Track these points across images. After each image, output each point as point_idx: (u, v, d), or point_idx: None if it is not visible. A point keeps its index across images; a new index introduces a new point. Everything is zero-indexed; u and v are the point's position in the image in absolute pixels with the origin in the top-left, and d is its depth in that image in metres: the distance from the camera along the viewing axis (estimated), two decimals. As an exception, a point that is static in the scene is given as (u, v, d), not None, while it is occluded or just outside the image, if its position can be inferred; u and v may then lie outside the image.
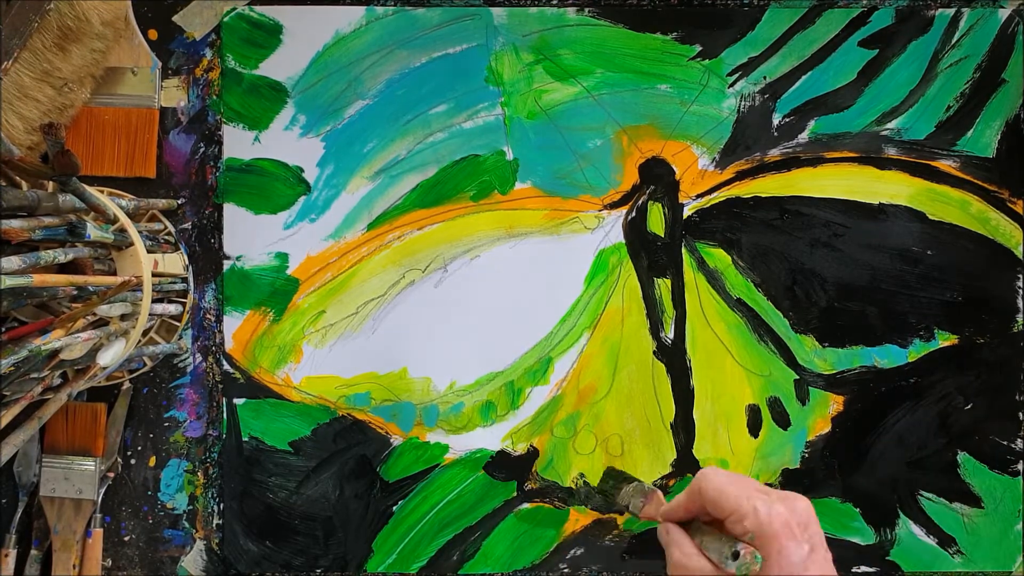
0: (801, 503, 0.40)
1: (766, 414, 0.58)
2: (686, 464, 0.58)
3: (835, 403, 0.59)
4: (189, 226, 0.58)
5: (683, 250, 0.58)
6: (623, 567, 0.58)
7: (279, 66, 0.57)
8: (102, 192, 0.51)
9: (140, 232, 0.50)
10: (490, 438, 0.58)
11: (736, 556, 0.39)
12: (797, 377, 0.58)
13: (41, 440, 0.56)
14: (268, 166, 0.57)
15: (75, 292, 0.45)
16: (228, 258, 0.58)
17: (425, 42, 0.57)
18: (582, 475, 0.58)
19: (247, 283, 0.58)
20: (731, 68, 0.58)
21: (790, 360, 0.58)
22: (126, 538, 0.58)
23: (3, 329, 0.42)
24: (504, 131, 0.58)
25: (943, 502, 0.59)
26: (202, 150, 0.58)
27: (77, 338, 0.43)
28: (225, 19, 0.57)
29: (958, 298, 0.59)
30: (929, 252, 0.58)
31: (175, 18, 0.58)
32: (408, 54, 0.57)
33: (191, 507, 0.58)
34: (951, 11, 0.58)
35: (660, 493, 0.47)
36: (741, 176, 0.58)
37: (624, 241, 0.58)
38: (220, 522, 0.58)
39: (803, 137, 0.58)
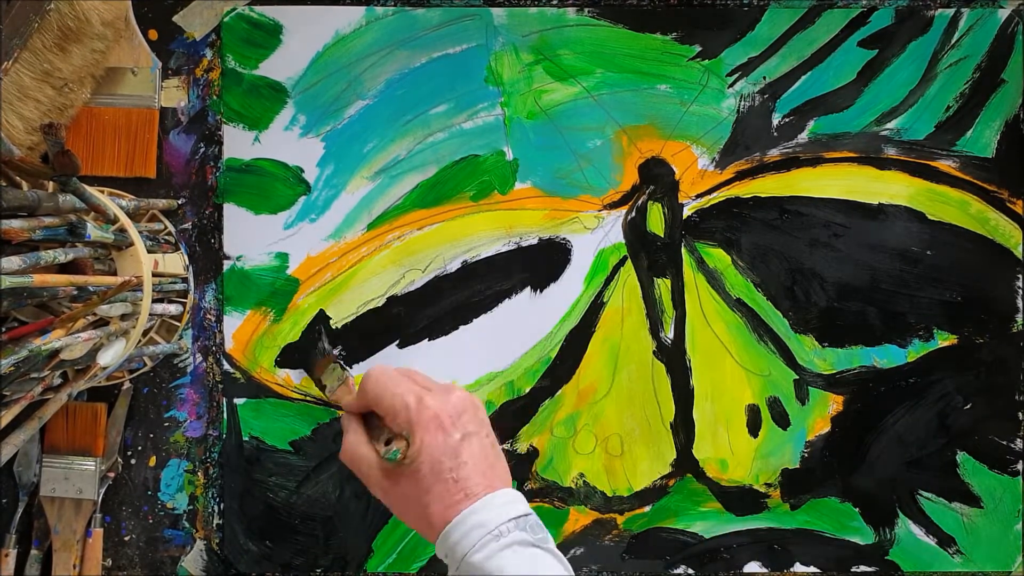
0: (455, 395, 0.43)
1: (766, 414, 0.58)
2: (686, 464, 0.58)
3: (835, 403, 0.59)
4: (189, 226, 0.58)
5: (683, 250, 0.58)
6: (623, 567, 0.58)
7: (279, 66, 0.57)
8: (102, 192, 0.51)
9: (140, 232, 0.51)
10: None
11: (388, 443, 0.42)
12: (797, 377, 0.58)
13: (41, 440, 0.56)
14: (268, 166, 0.57)
15: (75, 292, 0.45)
16: (228, 258, 0.58)
17: (425, 42, 0.57)
18: (582, 475, 0.58)
19: (247, 283, 0.58)
20: (731, 68, 0.58)
21: (790, 360, 0.58)
22: (126, 538, 0.58)
23: (3, 329, 0.42)
24: (504, 131, 0.58)
25: (942, 502, 0.59)
26: (202, 150, 0.58)
27: (77, 338, 0.43)
28: (225, 19, 0.57)
29: (957, 298, 0.59)
30: (929, 252, 0.58)
31: (175, 18, 0.58)
32: (408, 54, 0.57)
33: (191, 507, 0.58)
34: (951, 11, 0.58)
35: (352, 380, 0.48)
36: (741, 176, 0.58)
37: (624, 241, 0.58)
38: (220, 522, 0.58)
39: (803, 137, 0.58)
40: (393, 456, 0.41)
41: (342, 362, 0.56)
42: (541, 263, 0.58)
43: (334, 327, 0.58)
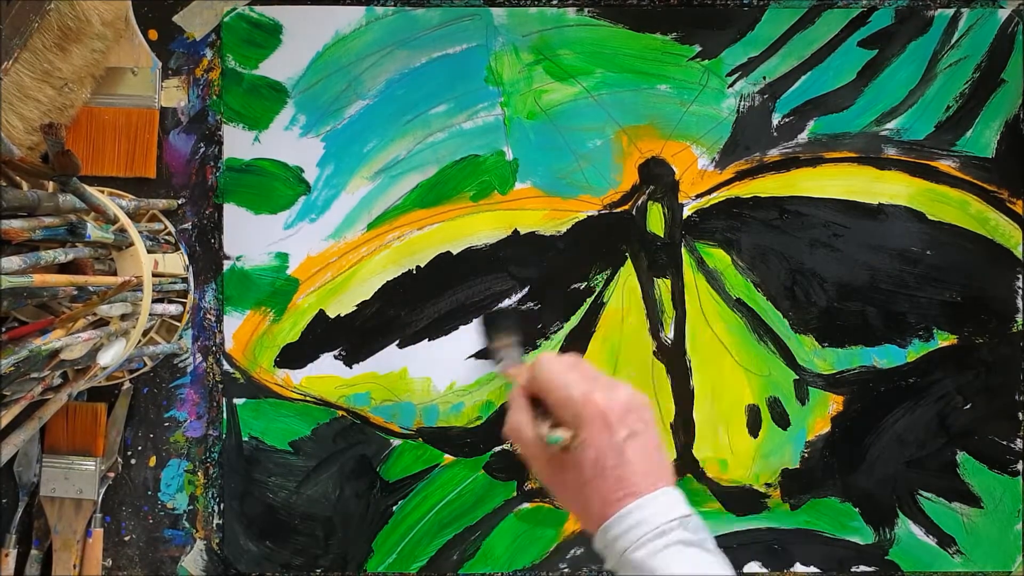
0: (622, 392, 0.42)
1: (766, 414, 0.58)
2: (686, 464, 0.58)
3: (835, 403, 0.59)
4: (189, 226, 0.58)
5: (683, 250, 0.58)
6: (623, 567, 0.58)
7: (279, 66, 0.57)
8: (102, 192, 0.51)
9: (140, 232, 0.51)
10: (490, 438, 0.58)
11: (554, 427, 0.42)
12: (797, 377, 0.58)
13: (41, 440, 0.56)
14: (268, 166, 0.57)
15: (75, 292, 0.45)
16: (228, 258, 0.58)
17: (425, 42, 0.58)
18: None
19: (247, 283, 0.58)
20: (731, 68, 0.58)
21: (790, 360, 0.58)
22: (126, 538, 0.58)
23: (3, 329, 0.42)
24: (504, 131, 0.58)
25: (942, 502, 0.59)
26: (202, 150, 0.58)
27: (77, 338, 0.43)
28: (225, 19, 0.57)
29: (957, 298, 0.59)
30: (928, 252, 0.58)
31: (175, 18, 0.58)
32: (408, 54, 0.57)
33: (191, 507, 0.58)
34: (951, 11, 0.58)
35: (528, 364, 0.47)
36: (741, 176, 0.58)
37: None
38: (220, 522, 0.58)
39: (803, 137, 0.58)
40: (554, 440, 0.40)
41: (517, 341, 0.55)
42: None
43: (333, 319, 0.58)
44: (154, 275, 0.53)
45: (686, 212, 0.58)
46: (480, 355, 0.57)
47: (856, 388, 0.59)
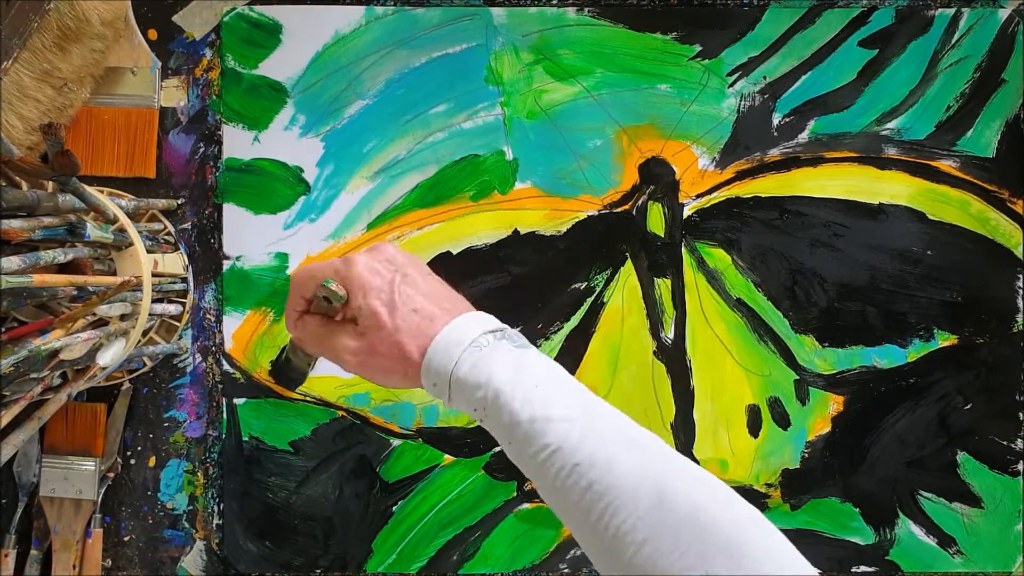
0: (381, 246, 0.42)
1: (766, 414, 0.58)
2: (686, 464, 0.58)
3: (835, 403, 0.59)
4: (189, 226, 0.58)
5: (683, 250, 0.58)
6: (623, 567, 0.58)
7: (279, 66, 0.57)
8: (102, 192, 0.51)
9: (140, 232, 0.50)
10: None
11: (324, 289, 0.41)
12: (797, 377, 0.58)
13: (41, 440, 0.56)
14: (268, 166, 0.57)
15: (75, 292, 0.45)
16: (228, 258, 0.57)
17: (425, 42, 0.57)
18: None
19: (247, 283, 0.57)
20: (731, 68, 0.58)
21: (790, 360, 0.58)
22: (126, 538, 0.58)
23: (3, 329, 0.42)
24: (504, 131, 0.58)
25: (943, 502, 0.59)
26: (202, 150, 0.58)
27: (77, 338, 0.43)
28: (225, 19, 0.57)
29: (958, 298, 0.59)
30: (929, 252, 0.58)
31: (175, 18, 0.58)
32: (408, 54, 0.57)
33: (191, 507, 0.58)
34: (951, 11, 0.58)
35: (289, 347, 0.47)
36: (741, 176, 0.58)
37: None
38: (220, 522, 0.58)
39: (803, 137, 0.58)
40: (340, 298, 0.40)
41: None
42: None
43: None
44: (154, 275, 0.53)
45: (686, 212, 0.58)
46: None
47: (856, 388, 0.59)
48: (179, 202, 0.58)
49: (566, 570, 0.58)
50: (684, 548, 0.33)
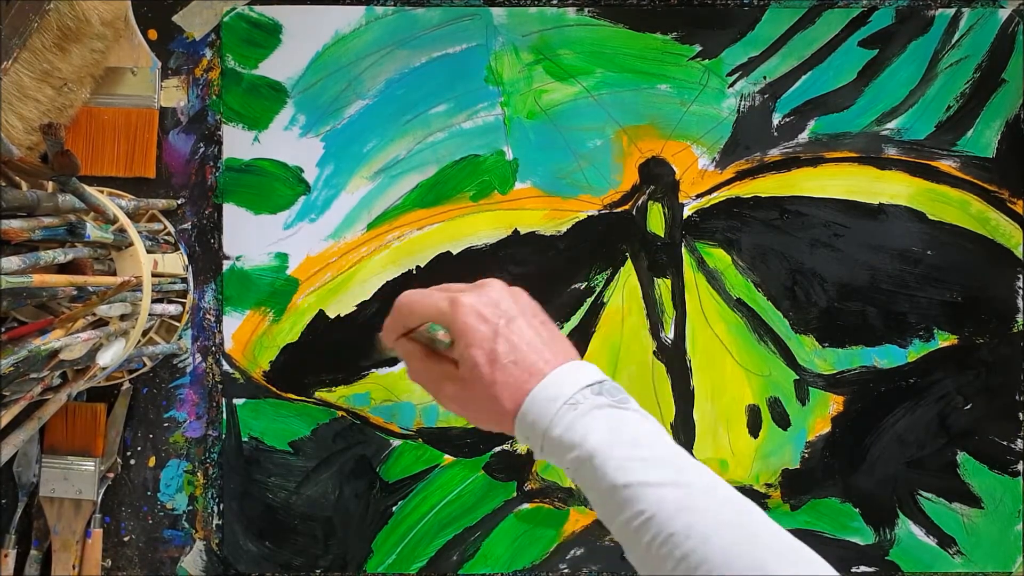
0: (489, 286, 0.42)
1: (766, 414, 0.58)
2: (686, 464, 0.58)
3: (835, 403, 0.59)
4: (189, 226, 0.58)
5: (683, 250, 0.58)
6: (623, 567, 0.58)
7: (279, 66, 0.57)
8: (102, 192, 0.51)
9: (140, 232, 0.50)
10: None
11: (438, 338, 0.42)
12: (797, 377, 0.58)
13: (41, 440, 0.56)
14: (268, 166, 0.57)
15: (75, 292, 0.45)
16: (228, 258, 0.57)
17: (425, 42, 0.57)
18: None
19: (247, 283, 0.57)
20: (731, 68, 0.58)
21: (790, 360, 0.58)
22: (126, 538, 0.58)
23: (3, 329, 0.42)
24: (504, 131, 0.58)
25: (943, 502, 0.59)
26: (202, 150, 0.58)
27: (77, 338, 0.43)
28: (225, 19, 0.57)
29: (958, 298, 0.59)
30: (929, 252, 0.58)
31: (175, 18, 0.58)
32: (408, 54, 0.57)
33: (191, 507, 0.58)
34: (951, 11, 0.58)
35: (391, 316, 0.47)
36: (741, 176, 0.58)
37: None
38: (220, 522, 0.58)
39: (803, 137, 0.58)
40: (443, 343, 0.40)
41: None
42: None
43: (334, 318, 0.58)
44: (153, 275, 0.52)
45: (686, 212, 0.58)
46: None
47: (856, 388, 0.59)
48: (179, 202, 0.58)
49: (566, 570, 0.58)
50: None
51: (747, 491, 0.58)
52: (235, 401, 0.57)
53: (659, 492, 0.35)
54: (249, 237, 0.57)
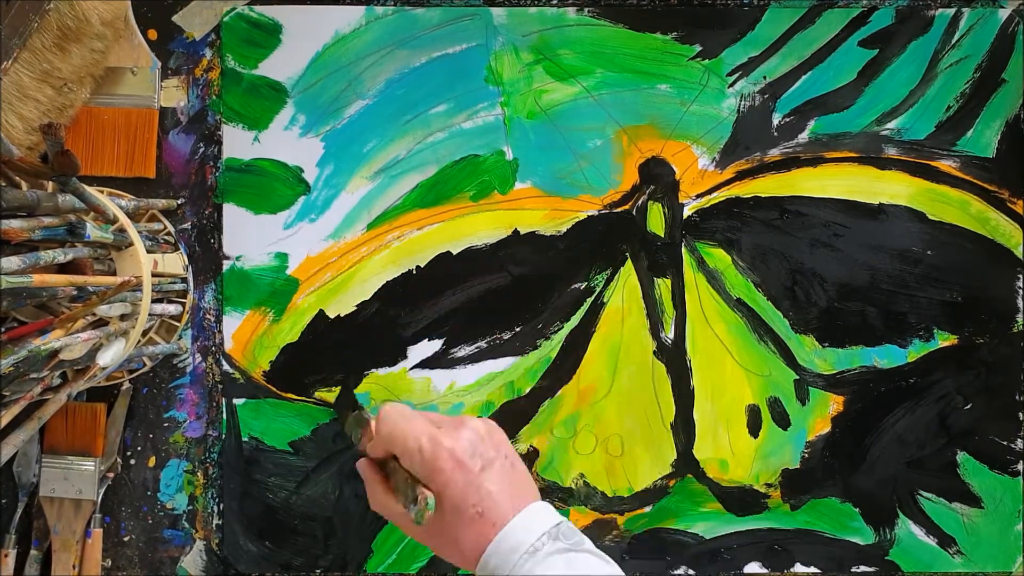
0: (467, 427, 0.43)
1: (766, 414, 0.58)
2: (687, 464, 0.58)
3: (835, 403, 0.59)
4: (189, 226, 0.58)
5: (683, 250, 0.58)
6: (623, 567, 0.58)
7: (279, 66, 0.57)
8: (102, 192, 0.51)
9: (140, 232, 0.50)
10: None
11: (415, 501, 0.41)
12: (797, 377, 0.58)
13: (41, 440, 0.56)
14: (268, 166, 0.57)
15: (75, 292, 0.45)
16: (228, 258, 0.57)
17: (425, 42, 0.57)
18: (582, 475, 0.58)
19: (247, 283, 0.57)
20: (731, 68, 0.58)
21: (790, 360, 0.58)
22: (126, 538, 0.58)
23: (3, 329, 0.42)
24: (504, 131, 0.58)
25: (943, 502, 0.59)
26: (202, 150, 0.58)
27: (77, 338, 0.43)
28: (225, 19, 0.57)
29: (958, 298, 0.59)
30: (929, 252, 0.58)
31: (175, 18, 0.58)
32: (408, 54, 0.57)
33: (191, 507, 0.58)
34: (951, 11, 0.58)
35: (372, 423, 0.47)
36: (741, 176, 0.58)
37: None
38: (220, 522, 0.58)
39: (803, 137, 0.58)
40: (419, 518, 0.41)
41: (362, 409, 0.55)
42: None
43: (333, 318, 0.58)
44: (153, 275, 0.52)
45: (686, 212, 0.58)
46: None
47: (856, 388, 0.59)
48: (179, 202, 0.58)
49: (566, 570, 0.58)
50: None
51: (747, 491, 0.58)
52: (235, 401, 0.57)
53: None
54: (249, 237, 0.57)
